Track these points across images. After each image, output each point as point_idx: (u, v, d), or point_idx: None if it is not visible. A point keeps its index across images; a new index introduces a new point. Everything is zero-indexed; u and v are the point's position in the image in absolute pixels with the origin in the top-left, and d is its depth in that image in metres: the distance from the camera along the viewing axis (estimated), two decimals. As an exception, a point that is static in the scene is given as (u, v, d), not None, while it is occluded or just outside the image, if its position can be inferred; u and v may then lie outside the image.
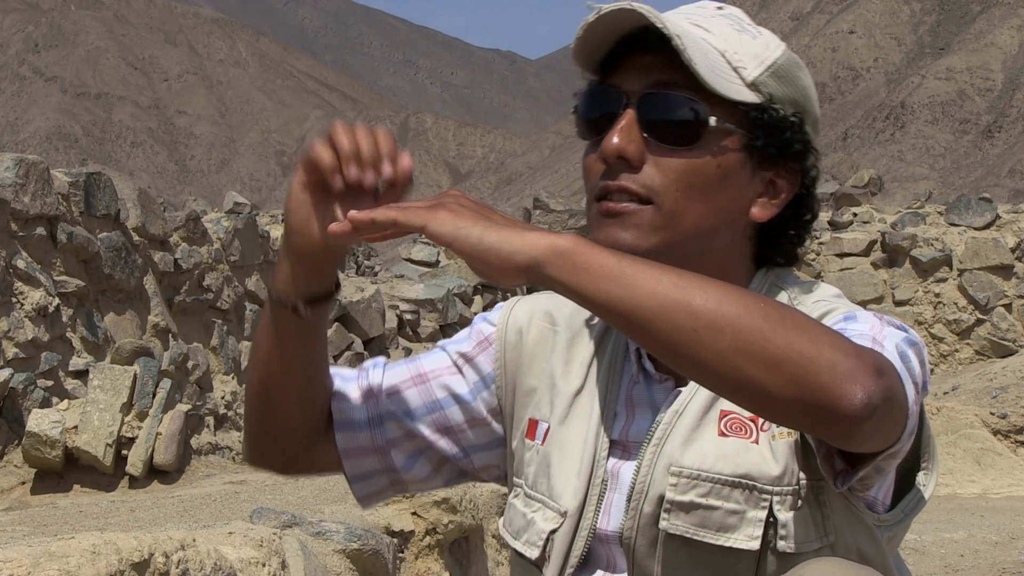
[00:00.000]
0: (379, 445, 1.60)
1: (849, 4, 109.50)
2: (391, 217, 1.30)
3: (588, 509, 1.49)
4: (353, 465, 1.61)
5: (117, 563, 2.10)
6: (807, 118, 1.48)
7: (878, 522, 1.44)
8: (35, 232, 6.79)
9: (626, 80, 1.45)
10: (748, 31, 1.48)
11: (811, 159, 1.49)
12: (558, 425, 1.53)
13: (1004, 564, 5.92)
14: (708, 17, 1.48)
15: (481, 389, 1.60)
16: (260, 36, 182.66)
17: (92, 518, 4.90)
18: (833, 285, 1.63)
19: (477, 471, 1.64)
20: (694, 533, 1.41)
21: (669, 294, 1.23)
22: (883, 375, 1.23)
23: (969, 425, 8.83)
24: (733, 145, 1.44)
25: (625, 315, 1.24)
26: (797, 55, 1.52)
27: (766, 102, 1.44)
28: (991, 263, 12.97)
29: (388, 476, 1.62)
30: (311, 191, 1.40)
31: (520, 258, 1.26)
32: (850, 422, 1.21)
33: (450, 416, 1.60)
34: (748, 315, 1.22)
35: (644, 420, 1.49)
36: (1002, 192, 62.11)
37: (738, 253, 1.50)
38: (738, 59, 1.44)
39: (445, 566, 4.02)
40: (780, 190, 1.48)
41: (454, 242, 1.27)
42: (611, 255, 1.26)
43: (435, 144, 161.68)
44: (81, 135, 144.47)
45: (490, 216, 1.29)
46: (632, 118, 1.43)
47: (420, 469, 1.61)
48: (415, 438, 1.60)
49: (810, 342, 1.21)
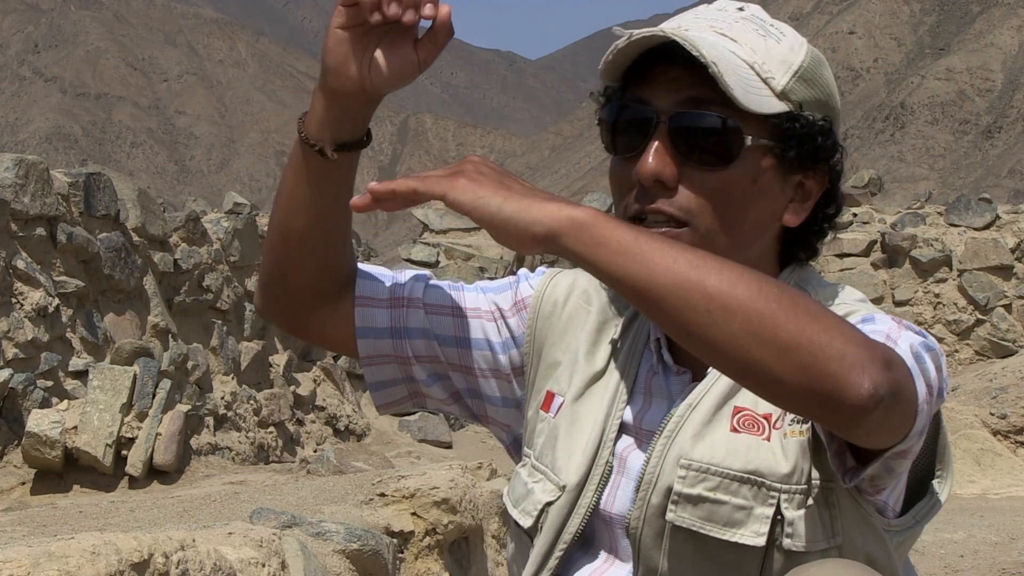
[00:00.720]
0: (401, 355, 1.60)
1: (849, 4, 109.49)
2: (411, 187, 1.30)
3: (589, 487, 1.50)
4: (374, 373, 1.62)
5: (117, 563, 2.10)
6: (833, 116, 1.48)
7: (888, 527, 1.44)
8: (35, 232, 6.79)
9: (656, 96, 1.44)
10: (772, 34, 1.47)
11: (837, 155, 1.49)
12: (572, 401, 1.54)
13: (1004, 565, 5.92)
14: (732, 23, 1.46)
15: (510, 347, 1.61)
16: (260, 36, 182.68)
17: (92, 518, 4.90)
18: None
19: (487, 419, 1.65)
20: (700, 527, 1.41)
21: (684, 273, 1.23)
22: (892, 368, 1.24)
23: (969, 425, 8.83)
24: (767, 160, 1.44)
25: (640, 291, 1.24)
26: (824, 61, 1.50)
27: (795, 110, 1.44)
28: (991, 263, 12.97)
29: (408, 386, 1.63)
30: (350, 31, 1.40)
31: (538, 228, 1.26)
32: (856, 412, 1.21)
33: (476, 358, 1.61)
34: (761, 299, 1.22)
35: (659, 410, 1.49)
36: (1002, 192, 62.09)
37: (767, 257, 1.51)
38: (767, 69, 1.43)
39: (445, 566, 4.01)
40: (809, 192, 1.49)
41: (473, 211, 1.28)
42: (629, 230, 1.26)
43: (435, 144, 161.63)
44: (81, 135, 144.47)
45: (510, 184, 1.29)
46: (665, 138, 1.42)
47: (439, 391, 1.63)
48: (439, 363, 1.61)
49: (821, 330, 1.21)
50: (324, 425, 9.60)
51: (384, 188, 1.31)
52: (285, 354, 9.56)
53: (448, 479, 4.10)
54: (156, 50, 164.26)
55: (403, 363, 1.61)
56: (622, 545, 1.49)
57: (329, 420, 9.65)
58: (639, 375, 1.53)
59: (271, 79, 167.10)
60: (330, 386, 9.96)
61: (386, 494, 4.02)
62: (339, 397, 9.92)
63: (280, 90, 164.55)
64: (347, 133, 1.47)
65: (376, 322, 1.59)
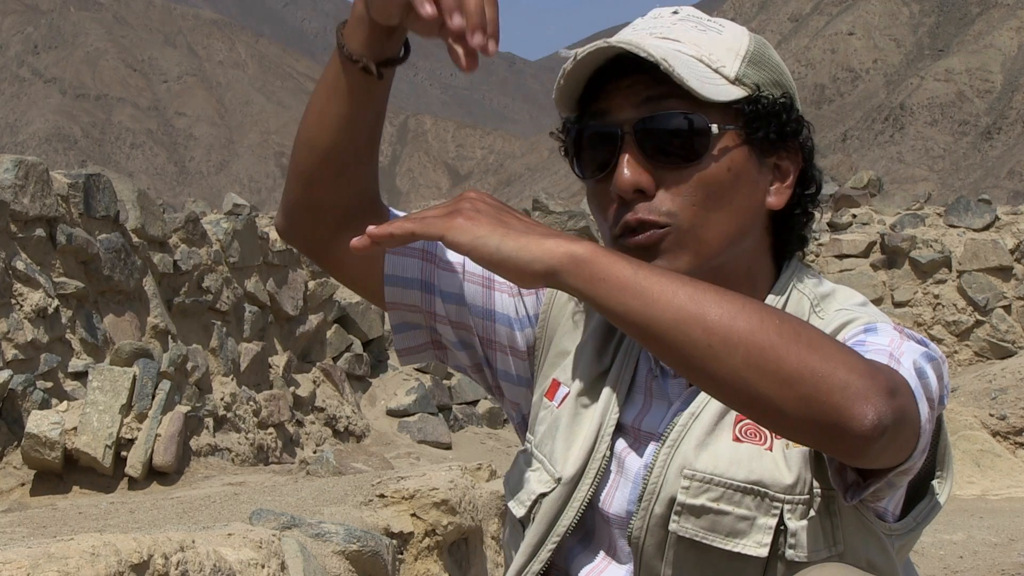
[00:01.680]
0: (429, 309, 1.60)
1: (848, 6, 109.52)
2: (408, 229, 1.29)
3: (584, 481, 1.50)
4: (398, 316, 1.61)
5: (116, 564, 2.10)
6: (791, 92, 1.49)
7: (888, 531, 1.44)
8: (34, 233, 6.79)
9: (614, 108, 1.45)
10: (712, 27, 1.48)
11: (804, 132, 1.50)
12: (576, 395, 1.54)
13: (1003, 566, 5.93)
14: (670, 26, 1.47)
15: (525, 325, 1.61)
16: (259, 37, 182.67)
17: (91, 519, 4.90)
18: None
19: (501, 393, 1.66)
20: (703, 537, 1.41)
21: (684, 307, 1.22)
22: (896, 395, 1.23)
23: (968, 426, 8.83)
24: (737, 145, 1.44)
25: (641, 327, 1.24)
26: (768, 44, 1.52)
27: (753, 92, 1.44)
28: (990, 264, 12.97)
29: (431, 334, 1.63)
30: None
31: (538, 266, 1.26)
32: (860, 442, 1.21)
33: (499, 332, 1.61)
34: (762, 331, 1.21)
35: (658, 412, 1.50)
36: (1001, 193, 62.13)
37: (761, 250, 1.51)
38: (715, 59, 1.44)
39: (444, 567, 4.02)
40: (787, 171, 1.49)
41: (471, 252, 1.27)
42: (628, 265, 1.25)
43: (434, 145, 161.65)
44: (80, 137, 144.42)
45: (507, 221, 1.28)
46: (633, 147, 1.43)
47: (465, 358, 1.63)
48: (468, 330, 1.61)
49: (823, 360, 1.21)
50: (323, 426, 9.60)
51: (382, 232, 1.30)
52: (285, 355, 9.56)
53: (448, 480, 4.10)
54: (156, 51, 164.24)
55: (429, 316, 1.61)
56: (620, 546, 1.49)
57: (328, 421, 9.65)
58: (639, 375, 1.53)
59: (271, 80, 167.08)
60: (329, 387, 9.96)
61: (386, 495, 4.02)
62: (338, 398, 9.92)
63: (280, 91, 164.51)
64: (391, 49, 1.46)
65: (407, 271, 1.59)
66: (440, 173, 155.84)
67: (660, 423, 1.49)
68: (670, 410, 1.49)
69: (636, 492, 1.47)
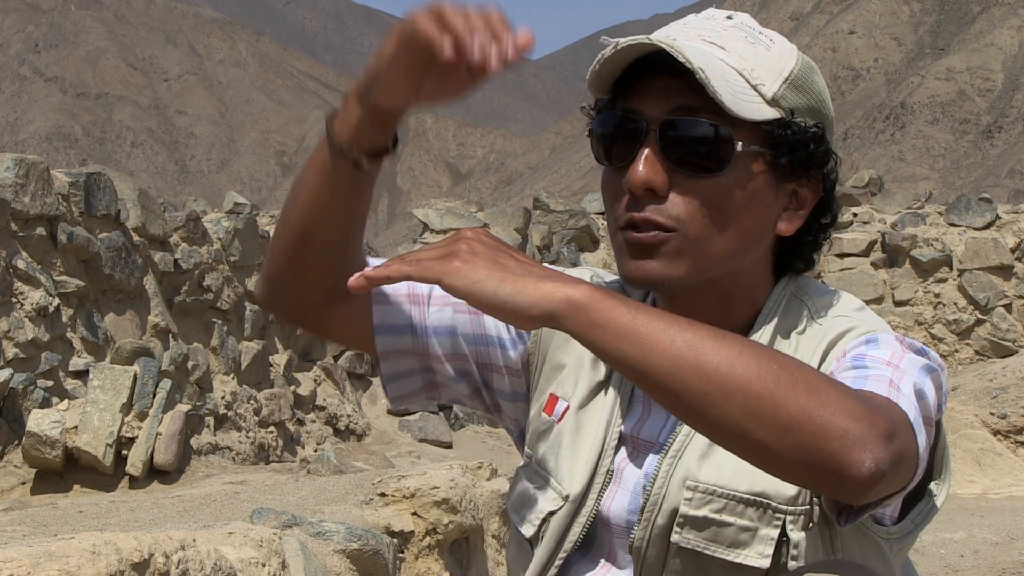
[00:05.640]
0: (422, 351, 1.60)
1: (849, 4, 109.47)
2: (405, 272, 1.28)
3: (590, 497, 1.50)
4: (390, 366, 1.61)
5: (117, 563, 2.10)
6: (826, 123, 1.47)
7: (886, 535, 1.44)
8: (35, 232, 6.79)
9: (645, 105, 1.43)
10: (761, 41, 1.46)
11: (831, 163, 1.48)
12: (577, 408, 1.53)
13: (1004, 564, 5.92)
14: (720, 31, 1.45)
15: (518, 343, 1.61)
16: (260, 36, 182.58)
17: (92, 518, 4.90)
18: (833, 286, 1.62)
19: (499, 412, 1.66)
20: (705, 547, 1.41)
21: (682, 354, 1.21)
22: (894, 439, 1.22)
23: (969, 425, 8.83)
24: (758, 167, 1.42)
25: (638, 373, 1.23)
26: (816, 68, 1.49)
27: (787, 116, 1.42)
28: (991, 263, 12.96)
29: (423, 377, 1.63)
30: (409, 57, 1.37)
31: (536, 311, 1.24)
32: (858, 487, 1.20)
33: (492, 354, 1.61)
34: (759, 378, 1.20)
35: (657, 420, 1.50)
36: (1002, 192, 62.11)
37: (762, 267, 1.50)
38: (756, 76, 1.42)
39: (445, 566, 4.02)
40: (803, 200, 1.47)
41: (468, 297, 1.26)
42: (626, 310, 1.23)
43: (435, 144, 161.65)
44: (81, 135, 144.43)
45: (504, 263, 1.26)
46: (655, 146, 1.41)
47: (464, 387, 1.63)
48: (464, 359, 1.61)
49: (822, 406, 1.19)
50: (324, 425, 9.60)
51: (379, 275, 1.29)
52: (285, 354, 9.56)
53: (448, 479, 4.10)
54: (156, 50, 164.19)
55: (423, 357, 1.60)
56: (619, 552, 1.50)
57: (329, 420, 9.65)
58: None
59: (271, 79, 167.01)
60: (330, 386, 9.96)
61: (386, 494, 4.02)
62: (339, 397, 9.92)
63: (280, 90, 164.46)
64: (381, 141, 1.46)
65: (395, 319, 1.59)
66: (441, 172, 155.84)
67: (659, 432, 1.48)
68: (670, 419, 1.48)
69: (636, 501, 1.47)
